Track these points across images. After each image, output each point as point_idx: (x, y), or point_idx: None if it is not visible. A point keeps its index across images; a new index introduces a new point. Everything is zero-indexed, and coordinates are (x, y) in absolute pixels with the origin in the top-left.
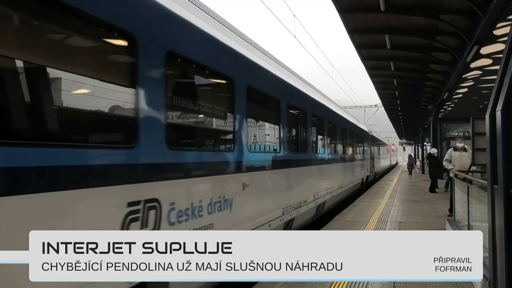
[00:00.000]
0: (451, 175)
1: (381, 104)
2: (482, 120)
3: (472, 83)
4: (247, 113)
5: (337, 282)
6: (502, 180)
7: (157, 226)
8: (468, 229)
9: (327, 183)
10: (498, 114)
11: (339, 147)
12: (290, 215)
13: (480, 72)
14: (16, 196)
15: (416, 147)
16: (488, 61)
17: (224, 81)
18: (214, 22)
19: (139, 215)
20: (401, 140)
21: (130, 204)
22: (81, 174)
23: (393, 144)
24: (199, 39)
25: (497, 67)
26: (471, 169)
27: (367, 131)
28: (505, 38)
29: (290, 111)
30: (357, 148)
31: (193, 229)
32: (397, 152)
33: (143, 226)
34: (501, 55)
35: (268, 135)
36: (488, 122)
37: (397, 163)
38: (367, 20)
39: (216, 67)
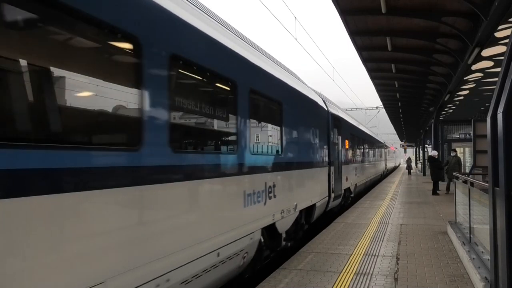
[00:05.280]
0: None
1: (382, 106)
2: (484, 122)
3: (474, 85)
4: (359, 144)
5: (343, 276)
6: (504, 182)
7: (357, 174)
8: (469, 232)
9: (371, 172)
10: (500, 116)
11: (375, 154)
12: (366, 180)
13: (481, 74)
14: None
15: (418, 149)
16: (489, 63)
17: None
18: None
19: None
20: (402, 143)
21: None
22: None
23: (396, 148)
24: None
25: (498, 69)
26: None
27: (383, 142)
28: (507, 40)
29: (367, 142)
30: (379, 153)
31: (355, 174)
32: (400, 154)
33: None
34: (502, 57)
35: (356, 153)
36: (490, 125)
37: (399, 164)
38: (368, 22)
39: (346, 131)
